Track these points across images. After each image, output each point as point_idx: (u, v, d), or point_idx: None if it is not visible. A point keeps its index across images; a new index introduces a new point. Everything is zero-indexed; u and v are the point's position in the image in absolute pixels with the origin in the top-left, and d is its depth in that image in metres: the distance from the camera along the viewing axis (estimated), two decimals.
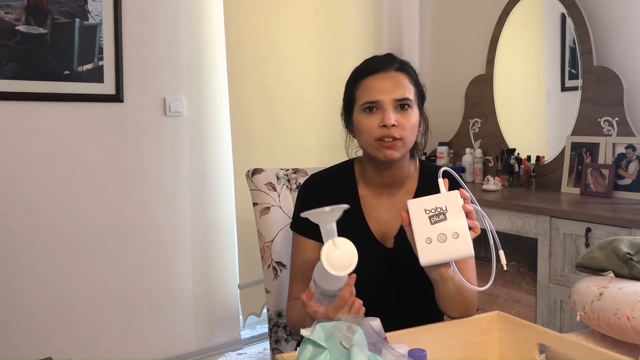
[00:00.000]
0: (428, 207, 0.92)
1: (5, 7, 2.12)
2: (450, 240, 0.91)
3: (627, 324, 1.20)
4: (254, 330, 2.92)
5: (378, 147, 1.12)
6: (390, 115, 1.10)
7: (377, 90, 1.12)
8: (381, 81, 1.13)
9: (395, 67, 1.15)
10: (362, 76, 1.16)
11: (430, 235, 0.91)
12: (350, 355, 0.70)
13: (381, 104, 1.12)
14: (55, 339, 2.28)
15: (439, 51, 3.23)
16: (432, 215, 0.91)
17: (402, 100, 1.12)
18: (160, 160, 2.53)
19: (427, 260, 0.92)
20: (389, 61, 1.16)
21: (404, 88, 1.13)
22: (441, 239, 0.91)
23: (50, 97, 2.24)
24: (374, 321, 0.81)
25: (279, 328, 1.54)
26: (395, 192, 1.21)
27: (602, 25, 2.43)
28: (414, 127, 1.14)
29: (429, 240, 0.91)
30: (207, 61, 2.63)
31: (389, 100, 1.11)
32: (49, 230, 2.27)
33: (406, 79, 1.15)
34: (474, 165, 2.87)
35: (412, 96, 1.15)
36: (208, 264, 2.68)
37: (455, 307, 1.08)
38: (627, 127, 2.29)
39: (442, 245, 0.91)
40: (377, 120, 1.11)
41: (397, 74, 1.14)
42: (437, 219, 0.91)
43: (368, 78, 1.15)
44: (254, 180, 1.57)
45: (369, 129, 1.12)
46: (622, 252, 1.37)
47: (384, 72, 1.14)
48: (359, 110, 1.15)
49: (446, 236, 0.91)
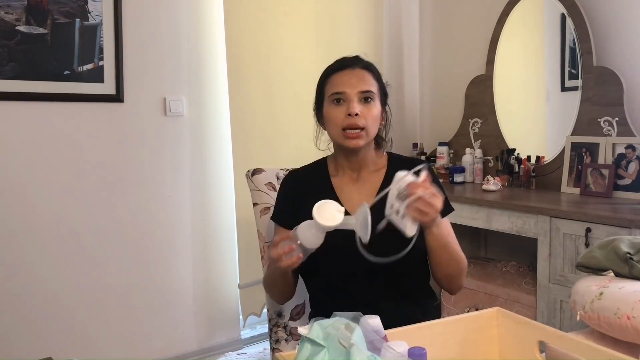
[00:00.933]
0: (401, 185, 1.13)
1: (6, 7, 2.12)
2: (398, 216, 1.13)
3: (627, 324, 1.21)
4: (254, 330, 2.92)
5: (344, 138, 1.27)
6: (355, 105, 1.25)
7: (343, 83, 1.28)
8: (347, 76, 1.29)
9: (361, 65, 1.31)
10: (332, 72, 1.33)
11: (393, 204, 1.13)
12: (349, 355, 0.70)
13: (347, 96, 1.27)
14: (55, 339, 2.28)
15: (439, 51, 3.24)
16: (400, 192, 1.12)
17: (365, 92, 1.27)
18: (160, 161, 2.53)
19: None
20: (356, 60, 1.33)
21: (368, 83, 1.29)
22: (396, 212, 1.13)
23: (50, 97, 2.24)
24: (372, 319, 0.81)
25: (279, 328, 1.54)
26: (366, 175, 1.36)
27: (602, 25, 2.43)
28: (376, 118, 1.29)
29: (391, 206, 1.13)
30: (207, 61, 2.63)
31: (354, 92, 1.27)
32: (49, 230, 2.27)
33: (370, 76, 1.31)
34: (474, 165, 2.87)
35: (376, 90, 1.30)
36: (208, 264, 2.68)
37: (441, 262, 1.24)
38: (627, 127, 2.29)
39: (396, 216, 1.13)
40: (344, 110, 1.26)
41: (362, 71, 1.30)
42: (402, 197, 1.12)
43: (336, 73, 1.31)
44: (254, 180, 1.58)
45: (335, 119, 1.27)
46: (622, 252, 1.37)
47: (351, 69, 1.30)
48: (328, 101, 1.30)
49: (399, 213, 1.12)
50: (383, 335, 0.82)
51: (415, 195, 1.09)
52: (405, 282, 1.29)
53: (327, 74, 1.33)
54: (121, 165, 2.42)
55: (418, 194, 1.09)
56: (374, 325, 0.80)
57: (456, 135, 3.07)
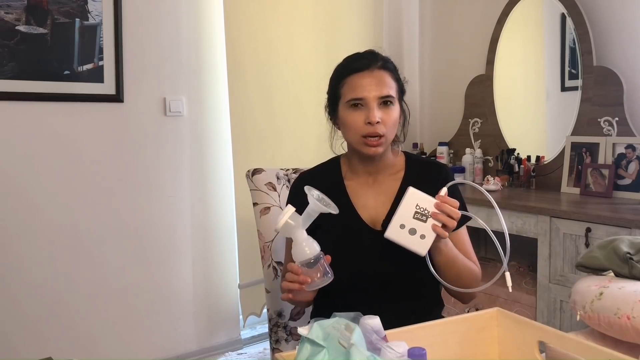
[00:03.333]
0: (420, 204, 1.08)
1: (6, 7, 2.12)
2: (416, 236, 1.08)
3: (627, 324, 1.20)
4: (254, 330, 2.92)
5: (363, 144, 1.21)
6: (375, 113, 1.18)
7: (361, 88, 1.20)
8: (366, 79, 1.20)
9: (379, 65, 1.22)
10: (348, 73, 1.23)
11: (405, 223, 1.08)
12: (349, 355, 0.70)
13: (366, 101, 1.19)
14: (55, 339, 2.28)
15: (439, 51, 3.23)
16: (417, 212, 1.08)
17: (385, 97, 1.20)
18: (160, 161, 2.53)
19: (389, 236, 1.09)
20: (373, 59, 1.23)
21: (387, 86, 1.21)
22: (411, 232, 1.08)
23: (50, 97, 2.24)
24: (372, 320, 0.81)
25: (279, 328, 1.54)
26: (382, 179, 1.29)
27: (602, 25, 2.43)
28: (396, 122, 1.23)
29: (402, 226, 1.08)
30: (207, 61, 2.63)
31: (374, 98, 1.19)
32: (49, 230, 2.27)
33: (388, 77, 1.22)
34: (474, 165, 2.87)
35: (394, 92, 1.23)
36: (208, 264, 2.68)
37: (449, 277, 1.17)
38: (627, 127, 2.29)
39: (408, 235, 1.08)
40: (363, 117, 1.19)
41: (380, 72, 1.21)
42: (419, 217, 1.08)
43: (353, 76, 1.22)
44: (254, 180, 1.58)
45: (354, 125, 1.20)
46: (622, 252, 1.37)
47: (368, 71, 1.21)
48: (345, 106, 1.23)
49: (416, 232, 1.08)
50: (383, 335, 0.82)
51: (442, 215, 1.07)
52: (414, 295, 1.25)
53: (343, 74, 1.24)
54: (121, 165, 2.42)
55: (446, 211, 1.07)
56: (374, 325, 0.80)
57: (456, 135, 3.07)
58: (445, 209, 1.08)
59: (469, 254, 1.28)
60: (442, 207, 1.08)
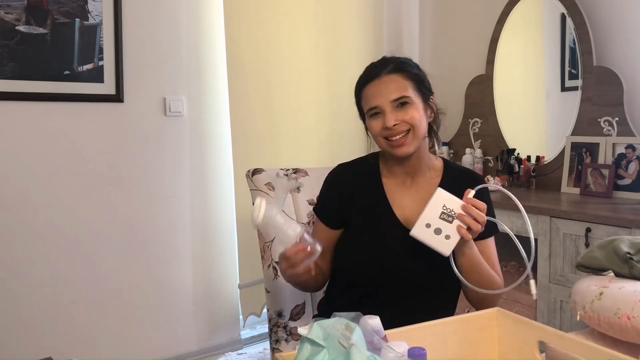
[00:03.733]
0: (447, 205, 1.10)
1: (5, 7, 2.12)
2: (441, 236, 1.10)
3: (628, 324, 1.20)
4: (254, 330, 2.92)
5: (389, 147, 1.22)
6: (390, 117, 1.19)
7: (373, 96, 1.22)
8: (375, 88, 1.22)
9: (389, 70, 1.23)
10: (362, 86, 1.27)
11: (431, 223, 1.10)
12: (349, 355, 0.69)
13: (381, 108, 1.21)
14: (55, 339, 2.28)
15: (439, 51, 3.23)
16: (444, 212, 1.10)
17: (399, 99, 1.21)
18: (160, 160, 2.52)
19: (414, 234, 1.11)
20: (383, 66, 1.25)
21: (398, 88, 1.21)
22: (437, 231, 1.10)
23: (50, 97, 2.24)
24: (372, 320, 0.81)
25: (279, 328, 1.54)
26: (419, 181, 1.30)
27: (602, 25, 2.43)
28: (419, 119, 1.22)
29: (428, 225, 1.10)
30: (207, 61, 2.63)
31: (387, 103, 1.20)
32: (49, 230, 2.27)
33: (400, 78, 1.22)
34: (474, 165, 2.87)
35: (410, 92, 1.22)
36: (208, 264, 2.68)
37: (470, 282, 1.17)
38: (627, 127, 2.29)
39: (433, 234, 1.10)
40: (381, 124, 1.21)
41: (390, 77, 1.22)
42: (445, 217, 1.10)
43: (366, 87, 1.25)
44: (254, 180, 1.57)
45: (375, 132, 1.23)
46: (622, 252, 1.37)
47: (378, 79, 1.23)
48: (367, 116, 1.26)
49: (441, 232, 1.10)
50: (383, 335, 0.81)
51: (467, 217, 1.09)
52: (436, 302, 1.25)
53: (359, 87, 1.28)
54: (121, 165, 2.42)
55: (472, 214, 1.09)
56: (374, 325, 0.80)
57: (456, 135, 3.07)
58: (471, 212, 1.09)
59: (493, 265, 1.28)
60: (469, 210, 1.09)
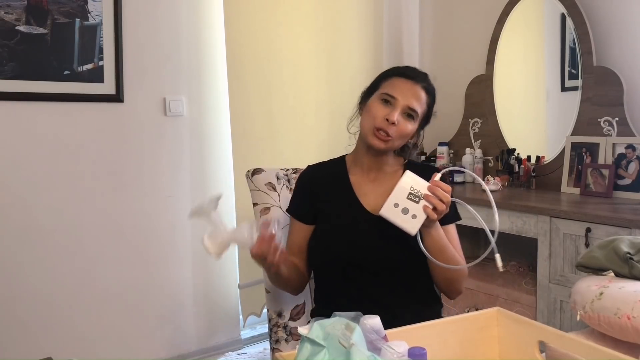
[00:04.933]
0: (414, 186, 1.18)
1: (6, 7, 2.12)
2: (408, 216, 1.17)
3: (628, 324, 1.21)
4: (254, 330, 2.92)
5: (372, 134, 1.30)
6: (395, 114, 1.27)
7: (400, 89, 1.30)
8: (407, 85, 1.31)
9: (423, 85, 1.33)
10: (396, 74, 1.34)
11: (399, 203, 1.18)
12: (349, 355, 0.70)
13: (396, 102, 1.29)
14: (54, 339, 2.28)
15: (439, 51, 3.23)
16: (411, 193, 1.17)
17: (411, 110, 1.30)
18: (160, 160, 2.53)
19: (383, 213, 1.19)
20: (422, 77, 1.35)
21: (419, 102, 1.31)
22: (404, 211, 1.17)
23: (50, 97, 2.24)
24: (372, 319, 0.81)
25: (279, 328, 1.54)
26: (383, 176, 1.38)
27: (602, 25, 2.43)
28: (407, 135, 1.32)
29: (396, 205, 1.18)
30: (207, 61, 2.63)
31: (403, 103, 1.29)
32: (48, 230, 2.27)
33: (424, 97, 1.34)
34: (474, 165, 2.87)
35: (420, 112, 1.33)
36: (208, 264, 2.68)
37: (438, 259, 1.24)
38: (627, 127, 2.29)
39: (400, 213, 1.17)
40: (385, 112, 1.28)
41: (420, 89, 1.32)
42: (412, 197, 1.17)
43: (399, 78, 1.33)
44: (254, 180, 1.57)
45: (375, 115, 1.29)
46: (623, 252, 1.37)
47: (413, 82, 1.32)
48: (377, 96, 1.32)
49: (408, 211, 1.17)
50: (383, 335, 0.82)
51: (433, 197, 1.16)
52: (411, 281, 1.33)
53: (391, 73, 1.36)
54: (121, 165, 2.42)
55: (438, 195, 1.16)
56: (374, 325, 0.80)
57: (456, 135, 3.07)
58: (437, 192, 1.17)
59: (456, 250, 1.35)
60: (434, 190, 1.17)
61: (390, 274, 1.31)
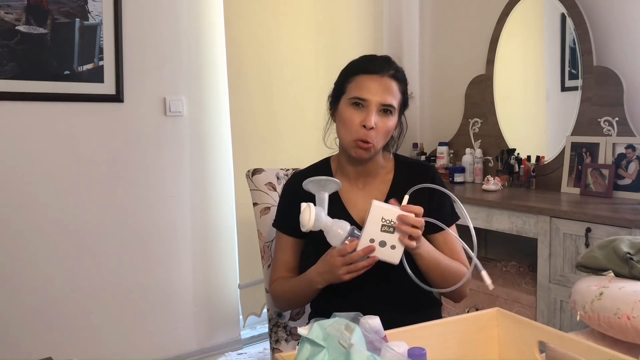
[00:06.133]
0: (384, 216, 1.09)
1: (6, 7, 2.12)
2: (386, 248, 1.10)
3: (628, 324, 1.21)
4: (254, 330, 2.92)
5: (353, 147, 1.23)
6: (372, 118, 1.20)
7: (367, 89, 1.21)
8: (374, 83, 1.22)
9: (390, 74, 1.24)
10: (358, 72, 1.24)
11: (374, 237, 1.09)
12: (349, 355, 0.70)
13: (368, 104, 1.21)
14: (55, 339, 2.28)
15: (439, 51, 3.23)
16: (384, 225, 1.09)
17: (387, 106, 1.22)
18: (160, 160, 2.53)
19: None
20: (386, 66, 1.25)
21: (392, 95, 1.23)
22: (382, 244, 1.10)
23: (50, 97, 2.24)
24: (372, 320, 0.81)
25: (279, 328, 1.54)
26: (371, 182, 1.32)
27: (602, 25, 2.43)
28: (389, 132, 1.25)
29: (372, 240, 1.09)
30: (207, 61, 2.63)
31: (376, 103, 1.21)
32: (49, 230, 2.27)
33: (396, 87, 1.24)
34: (474, 165, 2.87)
35: (396, 104, 1.25)
36: (208, 264, 2.68)
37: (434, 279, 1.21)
38: (627, 127, 2.29)
39: (379, 247, 1.09)
40: (360, 118, 1.21)
41: (389, 80, 1.23)
42: (386, 229, 1.09)
43: (363, 76, 1.23)
44: (254, 180, 1.58)
45: (350, 125, 1.22)
46: (622, 252, 1.37)
47: (378, 75, 1.23)
48: (346, 102, 1.24)
49: (386, 244, 1.10)
50: (383, 335, 0.82)
51: (405, 226, 1.08)
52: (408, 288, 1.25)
53: (353, 72, 1.25)
54: (121, 165, 2.42)
55: (409, 222, 1.08)
56: (374, 325, 0.80)
57: (456, 135, 3.07)
58: (407, 220, 1.08)
59: (456, 253, 1.29)
60: (404, 219, 1.08)
61: (386, 282, 1.25)
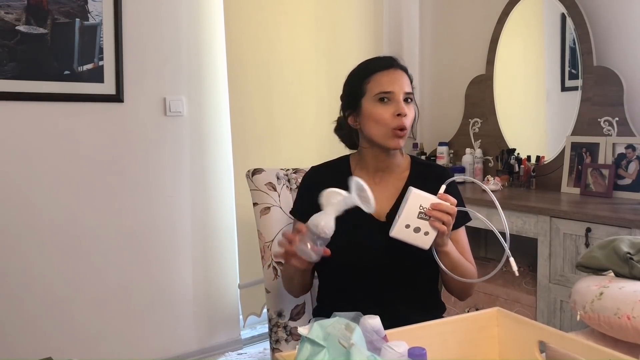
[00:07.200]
0: (422, 204, 1.16)
1: (6, 7, 2.12)
2: (420, 234, 1.16)
3: (628, 324, 1.20)
4: (254, 330, 2.92)
5: (392, 136, 1.27)
6: (403, 105, 1.27)
7: (390, 82, 1.28)
8: (393, 75, 1.30)
9: (401, 67, 1.33)
10: (373, 71, 1.31)
11: (410, 223, 1.16)
12: (349, 355, 0.70)
13: (395, 96, 1.27)
14: (55, 339, 2.28)
15: (439, 51, 3.23)
16: (421, 212, 1.15)
17: (408, 94, 1.30)
18: (160, 161, 2.53)
19: (395, 235, 1.17)
20: (394, 60, 1.34)
21: (408, 85, 1.31)
22: (416, 230, 1.16)
23: (50, 97, 2.24)
24: (372, 319, 0.81)
25: (279, 328, 1.54)
26: (388, 177, 1.37)
27: (602, 25, 2.43)
28: (413, 118, 1.32)
29: (407, 226, 1.16)
30: (207, 61, 2.63)
31: (401, 92, 1.28)
32: (49, 230, 2.27)
33: (408, 78, 1.33)
34: (474, 165, 2.87)
35: (413, 92, 1.33)
36: (208, 264, 2.68)
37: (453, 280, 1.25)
38: (627, 127, 2.29)
39: (412, 232, 1.16)
40: (391, 110, 1.26)
41: (401, 72, 1.32)
42: (423, 216, 1.16)
43: (379, 73, 1.30)
44: (254, 180, 1.58)
45: (383, 118, 1.27)
46: (623, 252, 1.37)
47: (393, 68, 1.31)
48: (372, 101, 1.29)
49: (420, 230, 1.16)
50: (383, 335, 0.82)
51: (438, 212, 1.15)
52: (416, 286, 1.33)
53: (369, 72, 1.31)
54: (121, 165, 2.42)
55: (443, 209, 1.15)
56: (374, 325, 0.80)
57: (456, 135, 3.07)
58: (441, 207, 1.15)
59: (466, 253, 1.36)
60: (438, 206, 1.15)
61: (395, 277, 1.30)
